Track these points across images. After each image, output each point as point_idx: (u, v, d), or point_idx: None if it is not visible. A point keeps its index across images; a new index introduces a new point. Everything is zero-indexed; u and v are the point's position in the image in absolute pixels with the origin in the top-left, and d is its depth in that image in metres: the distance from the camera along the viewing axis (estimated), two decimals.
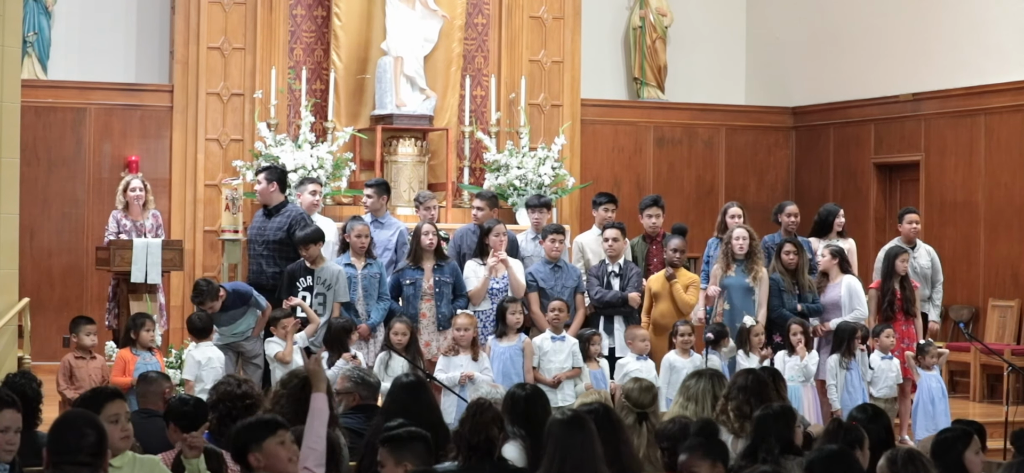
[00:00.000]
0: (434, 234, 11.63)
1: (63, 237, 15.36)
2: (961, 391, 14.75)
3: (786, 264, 12.00)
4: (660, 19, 17.31)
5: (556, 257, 11.86)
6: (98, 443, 5.34)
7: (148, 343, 10.54)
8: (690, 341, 11.26)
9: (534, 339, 11.22)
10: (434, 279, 11.53)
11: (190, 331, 10.74)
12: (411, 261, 11.63)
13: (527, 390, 7.26)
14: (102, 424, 5.43)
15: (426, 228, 11.63)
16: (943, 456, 6.29)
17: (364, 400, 8.08)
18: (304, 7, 15.47)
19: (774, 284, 11.96)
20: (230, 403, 7.13)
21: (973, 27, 15.29)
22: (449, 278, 11.59)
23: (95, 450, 5.33)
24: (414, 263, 11.60)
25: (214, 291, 10.97)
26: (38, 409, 7.23)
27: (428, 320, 11.51)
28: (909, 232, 12.91)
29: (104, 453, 5.40)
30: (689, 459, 5.92)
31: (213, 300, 10.90)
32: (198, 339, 10.61)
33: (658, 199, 12.89)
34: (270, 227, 11.72)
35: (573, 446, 5.87)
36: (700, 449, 5.92)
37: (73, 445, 5.30)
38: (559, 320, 11.24)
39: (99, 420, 5.45)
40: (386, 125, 14.90)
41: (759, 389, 7.52)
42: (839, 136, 17.11)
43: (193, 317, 10.75)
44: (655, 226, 12.59)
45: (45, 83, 15.27)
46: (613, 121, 17.21)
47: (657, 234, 12.55)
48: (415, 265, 11.59)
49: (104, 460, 5.40)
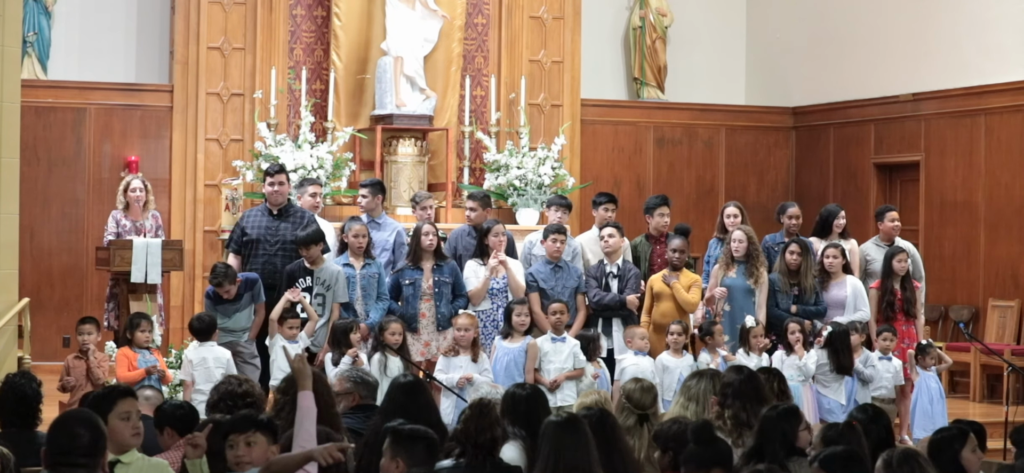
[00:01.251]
0: (434, 234, 11.61)
1: (63, 237, 15.36)
2: (961, 391, 14.75)
3: (789, 264, 11.99)
4: (660, 19, 17.31)
5: (557, 257, 11.85)
6: (93, 443, 5.30)
7: (144, 344, 10.56)
8: (682, 341, 11.25)
9: (535, 340, 11.21)
10: (434, 279, 11.52)
11: (192, 331, 10.74)
12: (411, 261, 11.61)
13: (527, 390, 7.26)
14: (99, 424, 5.39)
15: (426, 228, 11.61)
16: (939, 455, 6.29)
17: (363, 400, 8.08)
18: (304, 7, 15.47)
19: (770, 284, 11.96)
20: (231, 402, 7.13)
21: (973, 27, 15.29)
22: (448, 278, 11.57)
23: (89, 450, 5.29)
24: (414, 263, 11.58)
25: (232, 275, 11.06)
26: (38, 409, 7.23)
27: (427, 320, 11.49)
28: (889, 230, 12.81)
29: (100, 453, 5.36)
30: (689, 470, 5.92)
31: (231, 283, 10.98)
32: (200, 340, 10.61)
33: (666, 199, 12.87)
34: (286, 229, 11.67)
35: (567, 448, 5.88)
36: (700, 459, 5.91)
37: (66, 446, 5.27)
38: (560, 322, 11.22)
39: (96, 420, 5.41)
40: (386, 125, 14.89)
41: (754, 391, 7.45)
42: (839, 136, 17.11)
43: (195, 318, 10.75)
44: (664, 226, 12.57)
45: (45, 83, 15.27)
46: (613, 121, 17.21)
47: (662, 234, 12.53)
48: (414, 265, 11.57)
49: (101, 460, 5.38)
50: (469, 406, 6.46)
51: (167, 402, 7.38)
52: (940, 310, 15.31)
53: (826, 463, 5.68)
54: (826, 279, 12.10)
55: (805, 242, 12.27)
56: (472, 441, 6.24)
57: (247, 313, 11.17)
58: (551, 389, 10.74)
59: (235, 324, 11.11)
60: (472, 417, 6.34)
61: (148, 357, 10.51)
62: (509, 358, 11.01)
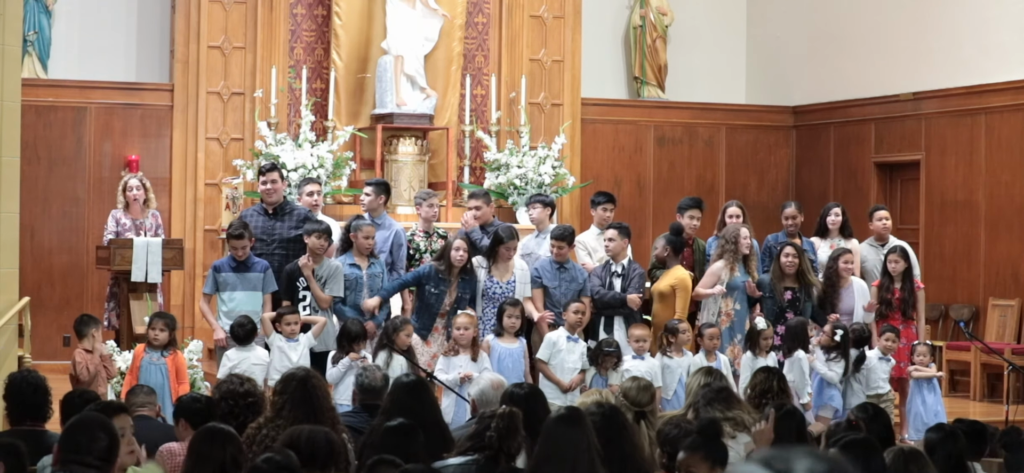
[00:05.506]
0: (466, 250, 11.33)
1: (63, 236, 15.36)
2: (961, 391, 14.75)
3: (784, 268, 11.95)
4: (660, 18, 17.31)
5: (562, 259, 11.82)
6: (109, 448, 5.39)
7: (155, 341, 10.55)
8: (684, 339, 11.23)
9: (550, 334, 11.19)
10: (456, 295, 11.40)
11: (233, 336, 10.70)
12: (441, 270, 11.35)
13: (526, 389, 7.25)
14: (116, 432, 5.47)
15: (458, 244, 11.33)
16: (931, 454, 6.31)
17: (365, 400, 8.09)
18: (304, 6, 15.48)
19: (761, 286, 11.97)
20: (233, 401, 7.14)
21: (974, 26, 15.30)
22: (468, 295, 11.47)
23: (105, 455, 5.37)
24: (445, 274, 11.34)
25: (250, 232, 11.17)
26: (49, 405, 7.25)
27: (440, 334, 11.41)
28: (878, 230, 12.81)
29: (114, 460, 5.44)
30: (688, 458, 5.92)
31: (248, 239, 11.10)
32: (241, 344, 10.61)
33: (700, 202, 12.82)
34: (282, 227, 11.68)
35: (566, 441, 5.82)
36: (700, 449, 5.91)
37: (85, 447, 5.34)
38: (580, 322, 11.19)
39: (114, 426, 5.48)
40: (386, 124, 14.90)
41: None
42: (840, 135, 17.11)
43: (237, 325, 10.65)
44: (693, 227, 12.55)
45: (45, 82, 15.27)
46: (613, 120, 17.21)
47: (690, 237, 12.51)
48: (445, 276, 11.35)
49: (113, 467, 5.43)
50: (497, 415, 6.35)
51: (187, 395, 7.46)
52: (940, 309, 15.31)
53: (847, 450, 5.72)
54: (838, 283, 12.05)
55: (800, 247, 12.24)
56: (496, 445, 6.22)
57: (257, 295, 11.12)
58: (566, 390, 10.74)
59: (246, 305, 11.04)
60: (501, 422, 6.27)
61: (156, 358, 10.53)
62: (503, 357, 10.98)
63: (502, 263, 11.59)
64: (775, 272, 12.00)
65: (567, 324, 11.17)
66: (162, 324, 10.57)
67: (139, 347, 10.70)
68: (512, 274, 11.63)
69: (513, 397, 7.02)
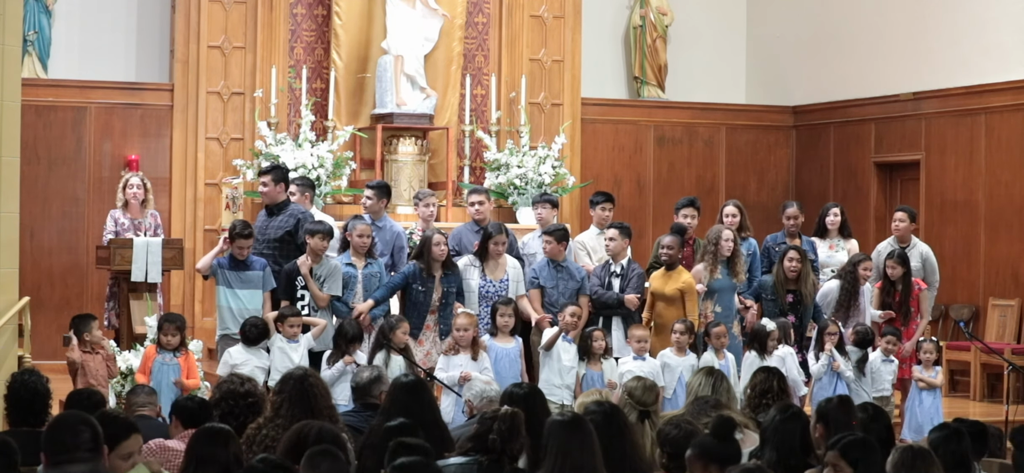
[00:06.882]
0: (445, 243, 11.44)
1: (63, 236, 15.36)
2: (961, 390, 14.75)
3: (788, 272, 11.95)
4: (660, 18, 17.31)
5: (555, 256, 11.82)
6: (94, 438, 5.43)
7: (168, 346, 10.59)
8: (686, 340, 11.23)
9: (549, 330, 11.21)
10: (442, 290, 11.41)
11: (242, 336, 10.71)
12: (423, 268, 11.43)
13: (525, 389, 7.25)
14: (97, 423, 5.49)
15: (437, 238, 11.38)
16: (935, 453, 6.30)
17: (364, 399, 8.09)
18: (304, 6, 15.47)
19: (761, 288, 11.96)
20: (232, 401, 7.15)
21: (973, 26, 15.29)
22: (454, 289, 11.50)
23: (92, 446, 5.41)
24: (427, 272, 11.41)
25: (250, 231, 11.22)
26: (48, 407, 7.25)
27: (431, 331, 11.41)
28: (894, 230, 12.89)
29: (100, 449, 5.46)
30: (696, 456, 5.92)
31: (248, 239, 11.13)
32: (247, 344, 10.62)
33: (694, 200, 12.84)
34: (272, 226, 11.71)
35: (573, 447, 5.88)
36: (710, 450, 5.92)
37: (70, 443, 5.39)
38: (575, 325, 11.20)
39: (93, 419, 5.52)
40: (386, 124, 14.90)
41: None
42: (839, 135, 17.11)
43: (250, 326, 10.69)
44: (690, 226, 12.55)
45: (45, 82, 15.26)
46: (613, 120, 17.20)
47: (690, 237, 12.50)
48: (428, 273, 11.42)
49: (102, 454, 5.44)
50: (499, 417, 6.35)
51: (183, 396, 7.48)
52: (940, 309, 15.30)
53: (846, 450, 5.71)
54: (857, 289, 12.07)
55: (804, 250, 12.23)
56: (499, 448, 6.22)
57: (258, 294, 11.14)
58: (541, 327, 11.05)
59: (247, 303, 11.06)
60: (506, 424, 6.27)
61: (168, 359, 10.55)
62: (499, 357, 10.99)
63: (493, 260, 11.62)
64: (778, 275, 12.00)
65: (561, 325, 11.19)
66: (173, 328, 10.63)
67: (150, 347, 10.72)
68: (505, 272, 11.64)
69: (513, 397, 7.03)
